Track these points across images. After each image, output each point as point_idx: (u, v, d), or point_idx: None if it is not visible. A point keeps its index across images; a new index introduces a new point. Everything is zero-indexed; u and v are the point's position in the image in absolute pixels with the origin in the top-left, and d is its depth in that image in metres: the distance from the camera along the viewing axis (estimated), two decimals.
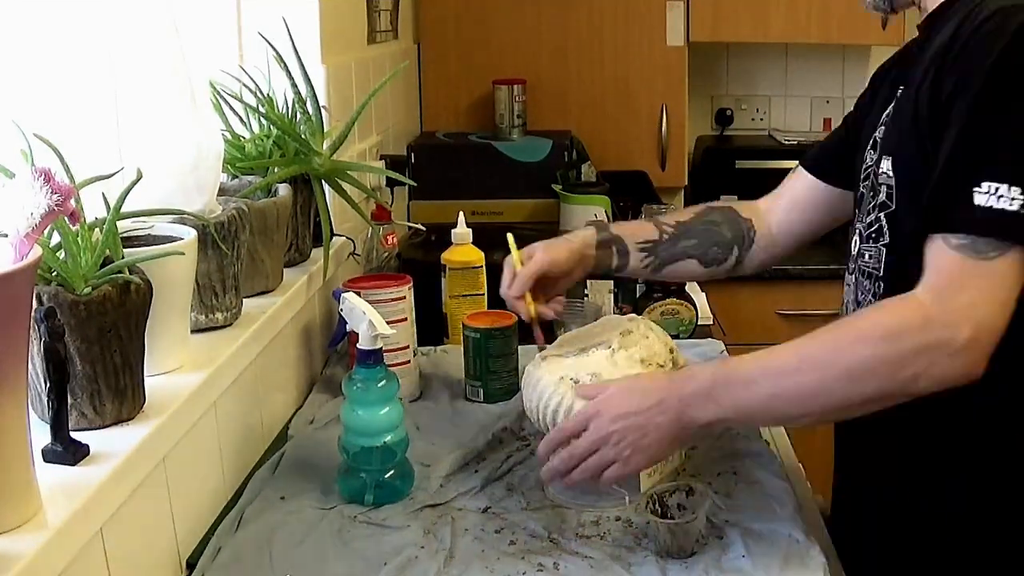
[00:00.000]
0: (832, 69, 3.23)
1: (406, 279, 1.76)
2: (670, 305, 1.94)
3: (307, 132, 1.67)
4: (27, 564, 0.85)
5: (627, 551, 1.21)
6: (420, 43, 2.91)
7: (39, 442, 0.99)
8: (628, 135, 2.93)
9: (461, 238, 1.86)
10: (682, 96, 2.93)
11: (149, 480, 1.10)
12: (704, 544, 1.20)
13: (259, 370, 1.47)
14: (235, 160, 1.61)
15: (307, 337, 1.74)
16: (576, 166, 2.70)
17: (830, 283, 2.75)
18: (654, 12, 2.87)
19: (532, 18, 2.88)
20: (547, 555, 1.19)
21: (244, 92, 1.64)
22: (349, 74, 2.09)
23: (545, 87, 2.89)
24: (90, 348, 1.04)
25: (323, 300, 1.82)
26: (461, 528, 1.26)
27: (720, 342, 1.91)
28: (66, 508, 0.93)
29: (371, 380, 1.32)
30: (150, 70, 1.26)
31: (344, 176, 1.72)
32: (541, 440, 1.28)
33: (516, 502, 1.33)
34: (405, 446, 1.36)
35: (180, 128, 1.30)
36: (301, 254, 1.72)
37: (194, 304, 1.32)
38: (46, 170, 0.89)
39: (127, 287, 1.06)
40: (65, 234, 1.04)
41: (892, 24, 1.46)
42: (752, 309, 2.75)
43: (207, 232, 1.30)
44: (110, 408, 1.08)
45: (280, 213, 1.54)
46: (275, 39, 1.65)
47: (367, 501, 1.32)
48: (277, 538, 1.24)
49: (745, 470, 1.39)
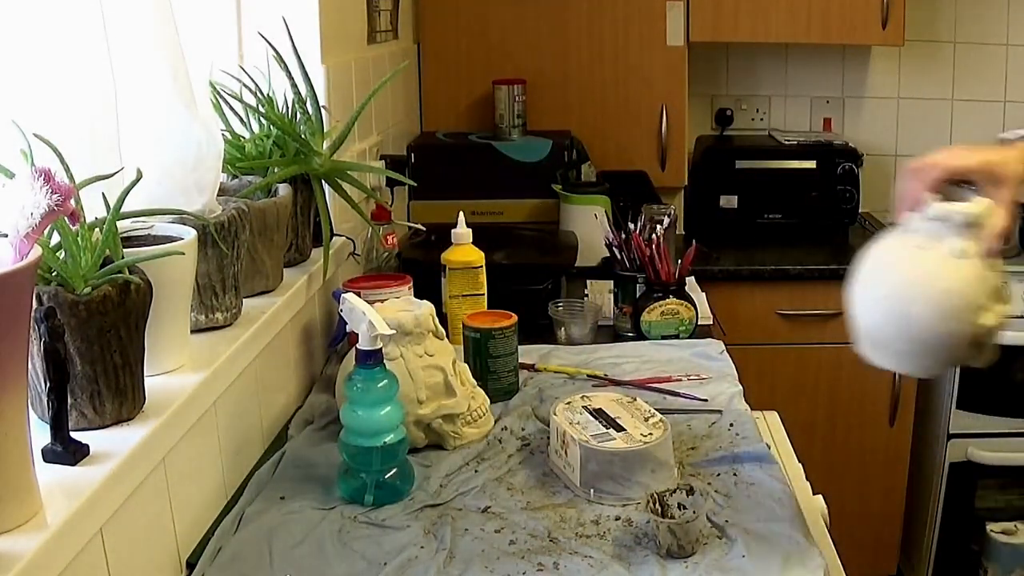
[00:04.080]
0: (832, 69, 3.23)
1: (406, 279, 1.76)
2: (670, 305, 1.94)
3: (307, 132, 1.67)
4: (27, 564, 0.85)
5: (627, 551, 1.21)
6: (420, 43, 2.91)
7: (39, 442, 0.99)
8: (628, 135, 2.93)
9: (461, 238, 1.87)
10: (682, 96, 2.93)
11: (149, 480, 1.10)
12: (704, 544, 1.20)
13: (259, 370, 1.48)
14: (235, 160, 1.61)
15: (307, 337, 1.74)
16: (576, 166, 2.70)
17: (830, 283, 2.76)
18: (654, 12, 2.87)
19: (532, 18, 2.88)
20: (547, 555, 1.20)
21: (244, 92, 1.64)
22: (349, 74, 2.09)
23: (545, 87, 2.89)
24: (90, 348, 1.04)
25: (323, 300, 1.82)
26: (461, 528, 1.26)
27: (720, 342, 1.91)
28: (66, 508, 0.93)
29: (371, 380, 1.32)
30: (150, 70, 1.26)
31: (344, 176, 1.72)
32: None
33: (516, 502, 1.33)
34: (405, 446, 1.36)
35: (180, 128, 1.30)
36: (301, 254, 1.72)
37: (194, 304, 1.32)
38: (46, 170, 0.89)
39: (127, 287, 1.06)
40: (65, 234, 1.04)
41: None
42: (752, 309, 2.75)
43: (207, 232, 1.30)
44: (110, 408, 1.08)
45: (280, 213, 1.54)
46: (275, 39, 1.65)
47: (367, 501, 1.32)
48: (277, 538, 1.24)
49: (745, 470, 1.39)
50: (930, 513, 2.87)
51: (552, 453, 1.42)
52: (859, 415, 2.85)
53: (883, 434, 2.86)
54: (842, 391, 2.82)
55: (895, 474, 2.90)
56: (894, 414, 2.84)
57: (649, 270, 1.97)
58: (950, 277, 1.12)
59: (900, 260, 1.16)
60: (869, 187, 3.10)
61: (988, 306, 1.12)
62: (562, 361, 1.82)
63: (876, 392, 2.83)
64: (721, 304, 2.37)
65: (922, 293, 1.13)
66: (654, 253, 1.96)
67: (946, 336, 1.12)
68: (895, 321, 1.15)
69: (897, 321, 1.15)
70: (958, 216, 1.12)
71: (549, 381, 1.73)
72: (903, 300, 1.14)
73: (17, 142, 1.02)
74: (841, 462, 2.85)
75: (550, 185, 2.55)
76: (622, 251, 2.04)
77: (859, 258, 1.19)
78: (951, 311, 1.11)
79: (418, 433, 1.47)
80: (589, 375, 1.76)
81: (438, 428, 1.47)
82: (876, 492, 2.89)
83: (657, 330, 1.95)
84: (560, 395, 1.61)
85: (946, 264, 1.12)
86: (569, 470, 1.36)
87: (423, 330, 1.48)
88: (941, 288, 1.12)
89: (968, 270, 1.12)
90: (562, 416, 1.41)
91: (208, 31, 1.59)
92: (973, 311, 1.11)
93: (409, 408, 1.41)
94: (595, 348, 1.89)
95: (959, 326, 1.11)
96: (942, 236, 1.13)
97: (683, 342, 1.92)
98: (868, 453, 2.88)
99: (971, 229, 1.12)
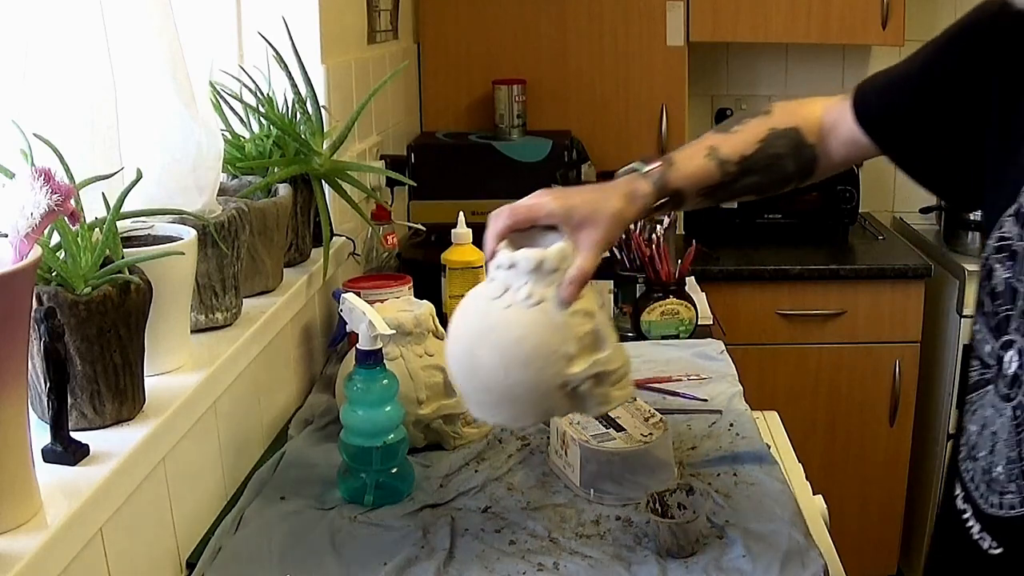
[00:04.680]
0: (832, 69, 3.23)
1: (406, 279, 1.76)
2: (670, 305, 1.94)
3: (307, 132, 1.67)
4: (27, 564, 0.85)
5: (627, 551, 1.21)
6: (420, 43, 2.91)
7: (39, 442, 0.99)
8: (628, 135, 2.93)
9: (461, 238, 1.87)
10: (682, 96, 2.93)
11: (149, 480, 1.10)
12: (704, 544, 1.20)
13: (259, 370, 1.47)
14: (235, 160, 1.61)
15: (307, 337, 1.74)
16: (576, 166, 2.70)
17: (830, 283, 2.77)
18: (654, 12, 2.87)
19: (532, 18, 2.88)
20: (547, 555, 1.20)
21: (244, 92, 1.64)
22: (349, 74, 2.09)
23: (545, 87, 2.89)
24: (90, 348, 1.04)
25: (323, 300, 1.82)
26: (461, 528, 1.26)
27: (720, 342, 1.91)
28: (66, 508, 0.93)
29: (371, 380, 1.32)
30: (150, 70, 1.26)
31: (344, 176, 1.72)
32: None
33: (516, 502, 1.33)
34: (405, 446, 1.36)
35: (180, 128, 1.30)
36: (301, 254, 1.71)
37: (194, 304, 1.32)
38: (46, 170, 0.89)
39: (127, 287, 1.06)
40: (65, 234, 1.04)
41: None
42: (752, 309, 2.75)
43: (207, 232, 1.30)
44: (110, 408, 1.08)
45: (280, 213, 1.54)
46: (275, 39, 1.65)
47: (367, 501, 1.32)
48: (277, 538, 1.24)
49: (745, 470, 1.39)
50: (930, 513, 2.87)
51: (552, 453, 1.42)
52: (859, 415, 2.85)
53: (883, 434, 2.86)
54: (842, 391, 2.82)
55: (895, 474, 2.90)
56: (894, 414, 2.84)
57: (649, 270, 1.97)
58: (517, 326, 1.08)
59: (475, 311, 1.13)
60: (869, 187, 3.10)
61: (576, 355, 1.08)
62: None
63: (876, 392, 2.83)
64: (721, 304, 2.37)
65: (489, 343, 1.10)
66: (654, 253, 1.96)
67: (519, 386, 1.09)
68: (469, 373, 1.12)
69: (471, 373, 1.12)
70: (524, 263, 1.09)
71: None
72: (473, 352, 1.11)
73: (17, 142, 1.02)
74: (841, 462, 2.85)
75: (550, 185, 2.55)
76: (622, 251, 2.04)
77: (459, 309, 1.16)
78: (519, 360, 1.08)
79: (418, 433, 1.47)
80: None
81: (438, 428, 1.47)
82: (876, 492, 2.89)
83: (657, 330, 1.95)
84: None
85: (514, 313, 1.08)
86: (569, 470, 1.36)
87: (423, 330, 1.48)
88: (509, 337, 1.08)
89: (538, 317, 1.08)
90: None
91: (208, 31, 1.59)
92: (550, 360, 1.07)
93: (409, 408, 1.41)
94: None
95: (532, 375, 1.08)
96: (516, 284, 1.10)
97: (683, 342, 1.92)
98: (868, 453, 2.88)
99: (547, 275, 1.09)
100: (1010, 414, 1.01)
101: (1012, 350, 1.02)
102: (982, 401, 1.07)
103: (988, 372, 1.06)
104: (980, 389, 1.08)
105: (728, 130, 1.30)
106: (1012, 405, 1.01)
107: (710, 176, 1.29)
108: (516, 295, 1.09)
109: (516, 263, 1.09)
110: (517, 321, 1.08)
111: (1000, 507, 1.03)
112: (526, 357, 1.07)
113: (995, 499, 1.04)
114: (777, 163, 1.31)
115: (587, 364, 1.08)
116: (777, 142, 1.31)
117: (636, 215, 1.22)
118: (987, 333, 1.06)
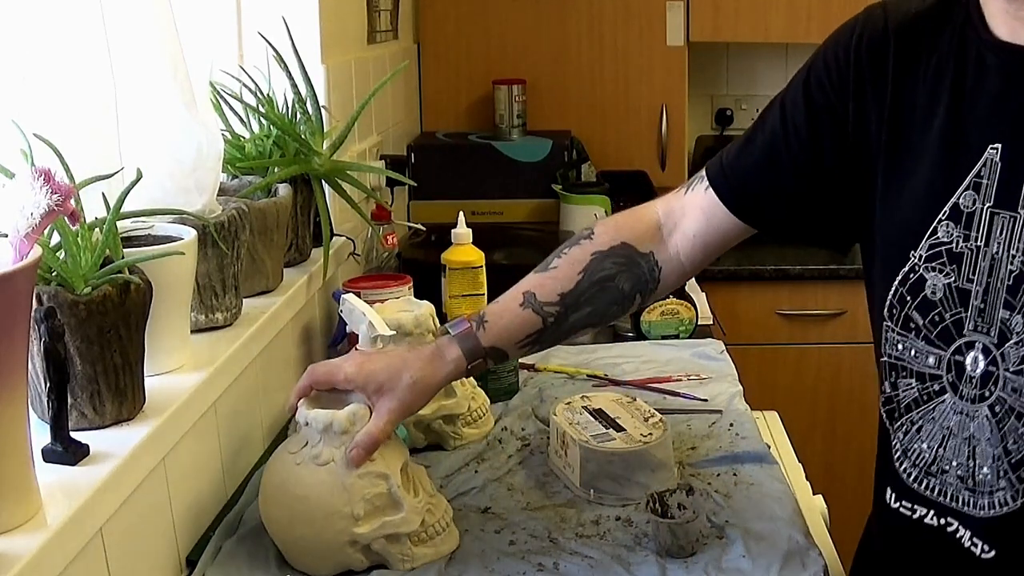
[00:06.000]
0: None
1: (406, 279, 1.76)
2: (670, 305, 1.94)
3: (307, 132, 1.67)
4: (27, 564, 0.85)
5: (627, 551, 1.21)
6: (420, 43, 2.91)
7: (39, 442, 0.99)
8: (628, 135, 2.93)
9: (461, 238, 1.86)
10: (682, 96, 2.93)
11: (149, 480, 1.10)
12: (704, 544, 1.20)
13: (259, 370, 1.47)
14: (235, 160, 1.61)
15: (307, 337, 1.74)
16: (576, 166, 2.70)
17: (830, 283, 2.77)
18: (654, 12, 2.87)
19: (532, 18, 2.88)
20: (547, 555, 1.19)
21: (244, 92, 1.64)
22: (349, 74, 2.09)
23: (545, 87, 2.89)
24: (90, 348, 1.04)
25: (323, 300, 1.82)
26: (461, 528, 1.26)
27: (720, 342, 1.91)
28: (66, 508, 0.93)
29: None
30: (150, 70, 1.26)
31: (344, 176, 1.72)
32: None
33: (516, 502, 1.33)
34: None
35: (180, 128, 1.30)
36: (301, 254, 1.71)
37: (194, 304, 1.32)
38: (46, 170, 0.89)
39: (127, 287, 1.06)
40: (65, 234, 1.04)
41: None
42: (752, 309, 2.75)
43: (207, 232, 1.30)
44: (110, 408, 1.08)
45: (280, 213, 1.54)
46: (275, 39, 1.65)
47: None
48: None
49: (745, 470, 1.39)
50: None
51: (552, 453, 1.42)
52: (859, 415, 2.84)
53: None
54: (842, 391, 2.82)
55: None
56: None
57: None
58: (302, 484, 1.14)
59: (276, 462, 1.19)
60: None
61: (364, 515, 1.13)
62: (562, 361, 1.82)
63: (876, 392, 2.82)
64: (721, 304, 2.37)
65: (278, 498, 1.16)
66: None
67: (304, 541, 1.14)
68: (266, 523, 1.19)
69: (267, 523, 1.19)
70: (315, 423, 1.15)
71: (549, 381, 1.73)
72: (267, 504, 1.18)
73: (17, 142, 1.02)
74: (841, 462, 2.85)
75: (550, 185, 2.55)
76: None
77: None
78: (303, 517, 1.14)
79: (418, 433, 1.47)
80: (589, 375, 1.76)
81: (438, 428, 1.47)
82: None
83: (657, 330, 1.95)
84: (560, 395, 1.61)
85: (303, 471, 1.15)
86: (569, 470, 1.36)
87: (423, 330, 1.47)
88: (294, 495, 1.14)
89: (324, 477, 1.13)
90: (562, 416, 1.41)
91: (208, 31, 1.59)
92: (332, 519, 1.13)
93: None
94: (595, 348, 1.88)
95: (316, 532, 1.13)
96: (312, 441, 1.16)
97: (683, 342, 1.92)
98: (868, 453, 2.87)
99: (337, 436, 1.14)
100: (987, 412, 1.01)
101: (974, 351, 1.01)
102: (933, 415, 1.06)
103: (936, 383, 1.05)
104: (925, 404, 1.07)
105: (547, 268, 1.26)
106: (988, 404, 1.01)
107: (530, 324, 1.24)
108: (309, 452, 1.15)
109: (311, 423, 1.16)
110: (303, 479, 1.14)
111: (991, 507, 1.03)
112: (309, 514, 1.14)
113: (983, 501, 1.04)
114: (606, 287, 1.25)
115: (376, 525, 1.14)
116: (601, 265, 1.25)
117: (447, 379, 1.24)
118: (925, 346, 1.05)
